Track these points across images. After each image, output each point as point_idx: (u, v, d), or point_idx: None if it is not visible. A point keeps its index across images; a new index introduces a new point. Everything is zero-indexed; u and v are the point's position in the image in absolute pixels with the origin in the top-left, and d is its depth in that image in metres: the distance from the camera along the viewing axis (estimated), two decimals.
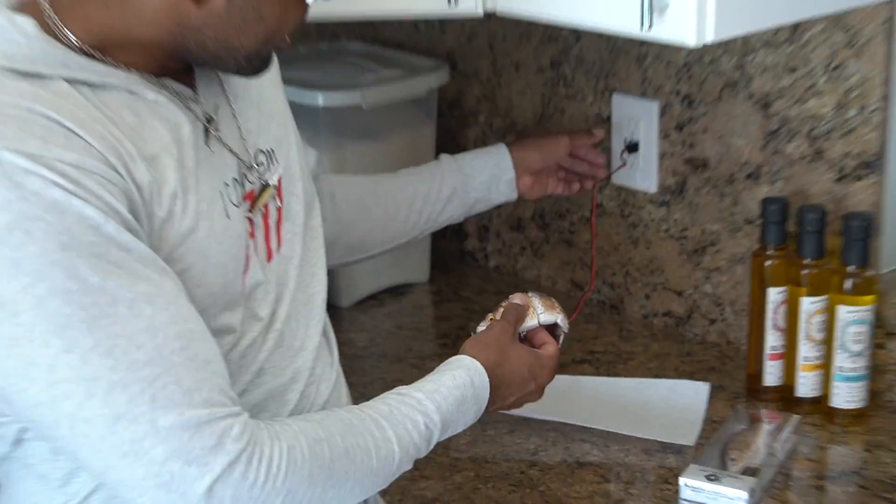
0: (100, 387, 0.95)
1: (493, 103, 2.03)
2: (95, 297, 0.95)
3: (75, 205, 0.95)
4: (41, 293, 0.93)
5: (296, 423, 1.09)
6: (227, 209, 1.13)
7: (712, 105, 1.72)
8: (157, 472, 0.97)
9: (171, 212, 1.05)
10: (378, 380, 1.70)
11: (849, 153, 1.58)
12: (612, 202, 1.88)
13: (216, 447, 0.98)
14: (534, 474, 1.49)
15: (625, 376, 1.72)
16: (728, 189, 1.73)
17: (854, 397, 1.55)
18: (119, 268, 0.96)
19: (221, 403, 1.01)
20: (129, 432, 0.96)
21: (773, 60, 1.64)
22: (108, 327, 0.96)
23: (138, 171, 1.02)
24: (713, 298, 1.79)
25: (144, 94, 1.07)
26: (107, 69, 1.06)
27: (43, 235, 0.93)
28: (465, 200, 1.62)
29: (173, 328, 0.99)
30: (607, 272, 1.93)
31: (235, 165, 1.16)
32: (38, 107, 0.98)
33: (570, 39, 1.87)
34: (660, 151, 1.80)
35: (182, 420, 0.97)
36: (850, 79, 1.56)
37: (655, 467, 1.49)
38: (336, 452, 1.08)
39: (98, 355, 0.95)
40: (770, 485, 1.43)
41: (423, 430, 1.16)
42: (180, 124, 1.09)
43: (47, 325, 0.94)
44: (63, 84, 1.02)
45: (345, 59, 2.04)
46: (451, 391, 1.20)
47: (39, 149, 0.95)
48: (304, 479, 1.04)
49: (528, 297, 1.37)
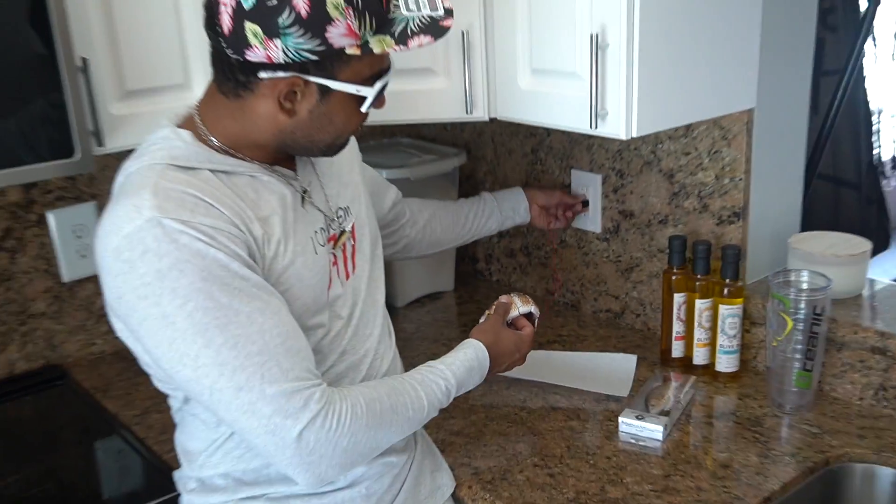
0: (227, 369, 0.97)
1: (495, 176, 2.02)
2: (224, 311, 0.97)
3: (211, 252, 0.97)
4: (189, 309, 0.96)
5: (358, 388, 1.09)
6: (316, 248, 1.13)
7: (635, 176, 1.72)
8: (266, 424, 0.98)
9: (277, 252, 1.06)
10: (421, 354, 1.69)
11: (724, 207, 1.59)
12: (572, 239, 1.88)
13: (303, 407, 0.99)
14: (523, 415, 1.49)
15: (581, 351, 1.71)
16: (647, 230, 1.73)
17: (730, 364, 1.56)
18: (240, 292, 0.98)
19: (307, 378, 1.02)
20: (247, 398, 0.98)
21: (674, 147, 1.64)
22: (233, 330, 0.97)
23: (255, 228, 1.03)
24: (638, 301, 1.79)
25: (261, 177, 1.08)
26: (236, 162, 1.06)
27: (190, 272, 0.95)
28: (499, 218, 1.68)
29: (276, 329, 1.00)
30: (569, 284, 1.92)
31: (322, 219, 1.16)
32: (189, 189, 0.99)
33: (544, 134, 1.87)
34: (602, 206, 1.80)
35: (281, 389, 0.99)
36: (724, 159, 1.56)
37: (603, 410, 1.49)
38: (384, 406, 1.08)
39: (226, 349, 0.97)
40: (677, 421, 1.44)
41: (444, 390, 1.16)
42: (285, 195, 1.09)
43: (194, 330, 0.96)
44: (207, 173, 1.03)
45: (399, 148, 2.03)
46: (462, 363, 1.20)
47: (188, 217, 0.97)
48: (362, 425, 1.04)
49: (511, 296, 1.38)
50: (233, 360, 0.97)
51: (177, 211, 0.97)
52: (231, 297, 0.97)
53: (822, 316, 1.41)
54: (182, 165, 1.02)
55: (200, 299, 0.96)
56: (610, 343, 1.75)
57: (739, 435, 1.40)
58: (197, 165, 1.03)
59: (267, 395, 0.98)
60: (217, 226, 0.99)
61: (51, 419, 1.56)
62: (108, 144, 1.34)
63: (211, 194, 1.01)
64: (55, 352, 1.73)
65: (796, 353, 1.42)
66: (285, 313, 1.03)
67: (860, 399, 1.47)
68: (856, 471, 1.35)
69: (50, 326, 1.72)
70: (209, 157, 1.05)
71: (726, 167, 1.56)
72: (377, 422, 1.06)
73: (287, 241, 1.08)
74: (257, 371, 0.98)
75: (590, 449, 1.38)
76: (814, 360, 1.43)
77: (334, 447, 1.01)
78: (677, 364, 1.62)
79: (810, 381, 1.45)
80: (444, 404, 1.17)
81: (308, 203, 1.14)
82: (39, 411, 1.59)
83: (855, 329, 1.45)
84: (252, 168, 1.07)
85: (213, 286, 0.96)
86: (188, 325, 0.96)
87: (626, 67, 1.26)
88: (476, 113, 1.48)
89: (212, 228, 0.98)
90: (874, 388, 1.45)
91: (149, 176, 1.00)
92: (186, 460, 1.19)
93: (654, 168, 1.69)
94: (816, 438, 1.38)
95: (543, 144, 1.88)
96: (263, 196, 1.07)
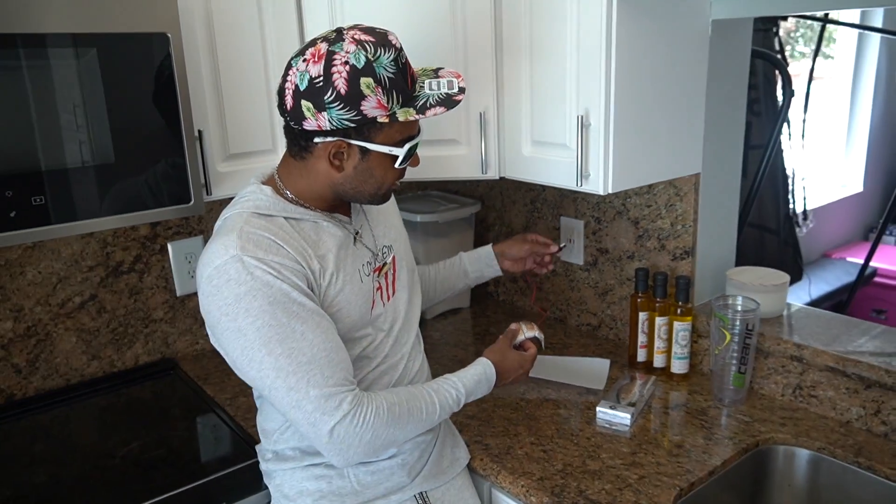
0: (283, 373, 0.97)
1: (502, 220, 2.01)
2: (284, 328, 0.97)
3: (277, 283, 0.97)
4: (258, 325, 0.96)
5: (384, 394, 1.05)
6: (362, 278, 1.10)
7: (610, 222, 1.72)
8: (307, 418, 0.99)
9: (330, 282, 1.05)
10: (444, 356, 1.68)
11: (677, 246, 1.58)
12: (561, 269, 1.87)
13: (337, 407, 0.99)
14: (522, 404, 1.48)
15: (567, 355, 1.70)
16: (618, 263, 1.72)
17: (682, 367, 1.54)
18: (297, 315, 0.98)
19: (344, 384, 1.01)
20: (295, 396, 0.98)
21: (639, 201, 1.64)
22: (289, 344, 0.97)
23: (313, 264, 1.03)
24: (611, 317, 1.78)
25: (321, 223, 1.07)
26: (304, 211, 1.06)
27: (261, 297, 0.96)
28: (474, 275, 1.44)
29: (323, 345, 0.99)
30: (558, 304, 1.90)
31: (370, 255, 1.14)
32: (265, 234, 1.00)
33: (540, 189, 1.87)
34: (584, 245, 1.79)
35: (322, 392, 0.98)
36: (678, 211, 1.56)
37: (584, 401, 1.48)
38: (402, 409, 1.05)
39: (283, 358, 0.97)
40: (641, 411, 1.42)
41: (455, 397, 1.12)
42: (339, 237, 1.08)
43: (260, 341, 0.96)
44: (282, 220, 1.03)
45: (430, 199, 2.03)
46: (472, 376, 1.16)
47: (263, 255, 0.97)
48: (382, 423, 1.02)
49: (519, 324, 1.30)
50: (287, 367, 0.96)
51: (254, 250, 0.97)
52: (290, 318, 0.97)
53: (753, 331, 1.39)
54: (263, 213, 1.03)
55: (266, 318, 0.96)
56: (589, 349, 1.74)
57: (689, 422, 1.38)
58: (274, 213, 1.03)
59: (310, 396, 0.97)
60: (284, 263, 0.98)
61: (164, 400, 1.56)
62: (214, 193, 1.35)
63: (282, 237, 1.01)
64: (169, 348, 1.74)
65: (733, 359, 1.41)
66: (332, 333, 1.02)
67: (782, 395, 1.45)
68: (779, 451, 1.33)
69: (166, 329, 1.73)
70: (284, 207, 1.05)
71: (679, 216, 1.56)
72: (395, 421, 1.04)
73: (339, 272, 1.06)
74: (304, 376, 0.97)
75: (574, 431, 1.36)
76: (746, 365, 1.41)
77: (360, 440, 1.00)
78: (641, 366, 1.60)
79: (744, 381, 1.43)
80: (455, 409, 1.13)
81: (359, 242, 1.12)
82: (156, 394, 1.59)
83: (778, 341, 1.43)
84: (315, 216, 1.07)
85: (277, 309, 0.96)
86: (256, 338, 0.96)
87: (604, 141, 1.27)
88: (489, 173, 1.48)
89: (279, 265, 0.98)
90: (793, 387, 1.43)
91: (237, 222, 1.01)
92: (264, 436, 1.19)
93: (624, 216, 1.68)
94: (749, 426, 1.36)
95: (540, 197, 1.88)
96: (322, 238, 1.06)
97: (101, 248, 1.61)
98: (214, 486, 1.23)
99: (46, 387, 1.57)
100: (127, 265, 1.65)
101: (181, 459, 1.30)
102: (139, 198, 1.20)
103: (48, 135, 1.08)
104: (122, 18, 1.12)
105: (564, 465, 1.25)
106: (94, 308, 1.61)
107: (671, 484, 1.19)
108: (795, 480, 1.33)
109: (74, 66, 1.09)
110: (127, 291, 1.65)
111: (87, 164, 1.12)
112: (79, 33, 1.08)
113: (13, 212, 1.07)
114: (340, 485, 1.14)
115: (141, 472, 1.26)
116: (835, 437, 1.31)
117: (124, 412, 1.50)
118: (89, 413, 1.51)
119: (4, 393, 1.53)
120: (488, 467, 1.28)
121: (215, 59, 1.31)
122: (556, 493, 1.17)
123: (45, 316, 1.56)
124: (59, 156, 1.09)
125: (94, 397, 1.56)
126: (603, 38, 1.22)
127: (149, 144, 1.18)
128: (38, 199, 1.08)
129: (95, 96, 1.11)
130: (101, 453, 1.33)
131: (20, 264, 1.51)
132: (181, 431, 1.41)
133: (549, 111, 1.36)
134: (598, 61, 1.24)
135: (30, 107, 1.06)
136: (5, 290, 1.50)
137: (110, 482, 1.23)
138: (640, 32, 1.27)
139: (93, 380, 1.62)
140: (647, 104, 1.32)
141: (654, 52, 1.30)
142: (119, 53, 1.12)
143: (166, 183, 1.22)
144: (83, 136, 1.11)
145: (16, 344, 1.53)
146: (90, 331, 1.62)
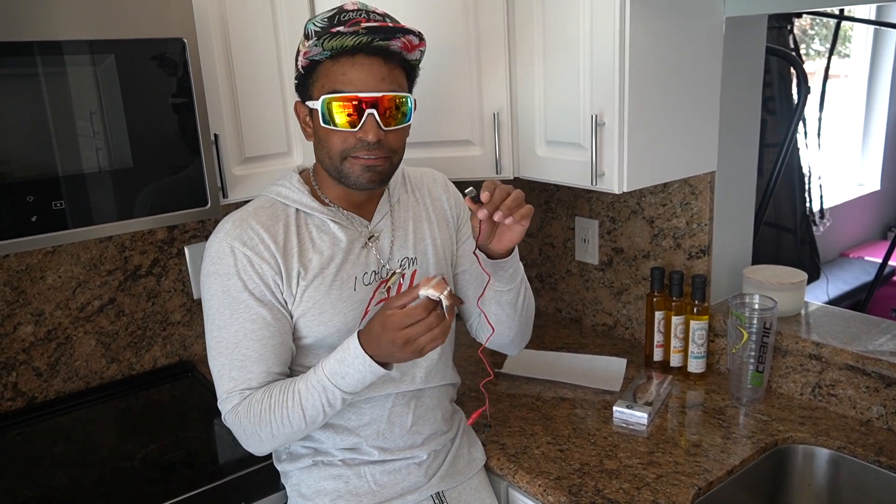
0: (212, 352, 1.04)
1: None
2: (224, 319, 1.03)
3: (234, 278, 1.03)
4: (211, 304, 1.04)
5: (258, 393, 1.02)
6: (356, 286, 1.08)
7: (624, 222, 1.72)
8: (219, 396, 1.06)
9: (312, 282, 1.05)
10: (462, 344, 1.69)
11: (693, 245, 1.57)
12: (576, 269, 1.87)
13: (228, 401, 1.04)
14: (539, 404, 1.47)
15: (583, 355, 1.69)
16: (633, 262, 1.72)
17: (699, 367, 1.53)
18: (238, 312, 1.03)
19: (245, 390, 1.04)
20: (216, 374, 1.05)
21: (654, 200, 1.63)
22: (222, 334, 1.03)
23: (292, 263, 1.04)
24: (627, 317, 1.77)
25: (328, 222, 1.08)
26: (318, 207, 1.08)
27: (218, 283, 1.03)
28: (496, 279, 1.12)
29: (245, 350, 1.03)
30: (573, 304, 1.90)
31: (377, 264, 1.11)
32: (256, 226, 1.04)
33: (554, 189, 1.87)
34: (599, 244, 1.79)
35: (226, 388, 1.04)
36: (693, 209, 1.55)
37: (600, 401, 1.47)
38: (263, 407, 1.01)
39: (213, 342, 1.04)
40: (658, 410, 1.41)
41: (318, 379, 0.99)
42: (343, 241, 1.08)
43: (208, 317, 1.04)
44: (293, 210, 1.07)
45: None
46: (333, 355, 0.99)
47: (239, 247, 1.03)
48: (248, 419, 1.02)
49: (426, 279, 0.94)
50: (214, 349, 1.04)
51: (235, 240, 1.03)
52: (232, 313, 1.02)
53: (771, 329, 1.38)
54: (281, 202, 1.07)
55: (215, 302, 1.03)
56: (605, 349, 1.73)
57: (707, 421, 1.37)
58: (290, 203, 1.07)
59: (222, 381, 1.04)
60: (253, 260, 1.02)
61: (182, 402, 1.57)
62: (230, 196, 1.36)
63: (273, 232, 1.04)
64: (186, 351, 1.75)
65: (750, 358, 1.40)
66: (267, 340, 1.03)
67: (801, 394, 1.44)
68: (798, 450, 1.31)
69: (183, 332, 1.74)
70: (301, 198, 1.08)
71: (694, 215, 1.55)
72: (258, 418, 1.01)
73: (324, 275, 1.05)
74: (224, 367, 1.03)
75: (590, 431, 1.36)
76: (764, 364, 1.40)
77: (242, 431, 1.04)
78: (657, 366, 1.59)
79: (762, 380, 1.42)
80: (330, 392, 0.99)
81: (370, 248, 1.10)
82: (174, 395, 1.60)
83: (796, 340, 1.42)
84: (327, 213, 1.08)
85: (225, 300, 1.02)
86: (207, 311, 1.04)
87: (618, 140, 1.27)
88: (504, 173, 1.48)
89: (248, 261, 1.02)
90: (811, 385, 1.42)
91: (248, 208, 1.07)
92: None
93: (639, 215, 1.68)
94: (767, 424, 1.35)
95: (554, 197, 1.88)
96: (322, 239, 1.07)
97: (119, 252, 1.62)
98: (232, 487, 1.23)
99: (67, 389, 1.59)
100: (145, 269, 1.66)
101: (199, 461, 1.31)
102: (156, 202, 1.21)
103: (67, 140, 1.09)
104: (138, 24, 1.13)
105: (581, 465, 1.25)
106: (112, 311, 1.63)
107: (689, 483, 1.18)
108: (815, 480, 1.31)
109: (92, 72, 1.10)
110: (145, 295, 1.67)
111: (105, 168, 1.13)
112: (95, 40, 1.09)
113: (34, 216, 1.08)
114: (357, 485, 1.14)
115: (159, 473, 1.27)
116: (855, 436, 1.30)
117: (143, 414, 1.51)
118: (109, 415, 1.52)
119: (26, 396, 1.55)
120: (505, 467, 1.27)
121: (230, 63, 1.32)
122: (574, 492, 1.17)
123: (65, 320, 1.57)
124: (78, 161, 1.11)
125: (113, 400, 1.58)
126: (616, 37, 1.22)
127: (166, 149, 1.19)
128: (57, 203, 1.10)
129: (113, 102, 1.12)
130: (120, 455, 1.34)
131: (41, 269, 1.53)
132: (199, 433, 1.42)
133: (562, 111, 1.35)
134: (612, 60, 1.23)
135: (47, 114, 1.07)
136: (26, 294, 1.52)
137: (129, 484, 1.24)
138: (654, 30, 1.26)
139: (112, 382, 1.64)
140: (662, 102, 1.32)
141: (668, 50, 1.30)
142: (136, 59, 1.13)
143: (183, 186, 1.23)
144: (101, 141, 1.12)
145: (37, 347, 1.55)
146: (109, 334, 1.64)
